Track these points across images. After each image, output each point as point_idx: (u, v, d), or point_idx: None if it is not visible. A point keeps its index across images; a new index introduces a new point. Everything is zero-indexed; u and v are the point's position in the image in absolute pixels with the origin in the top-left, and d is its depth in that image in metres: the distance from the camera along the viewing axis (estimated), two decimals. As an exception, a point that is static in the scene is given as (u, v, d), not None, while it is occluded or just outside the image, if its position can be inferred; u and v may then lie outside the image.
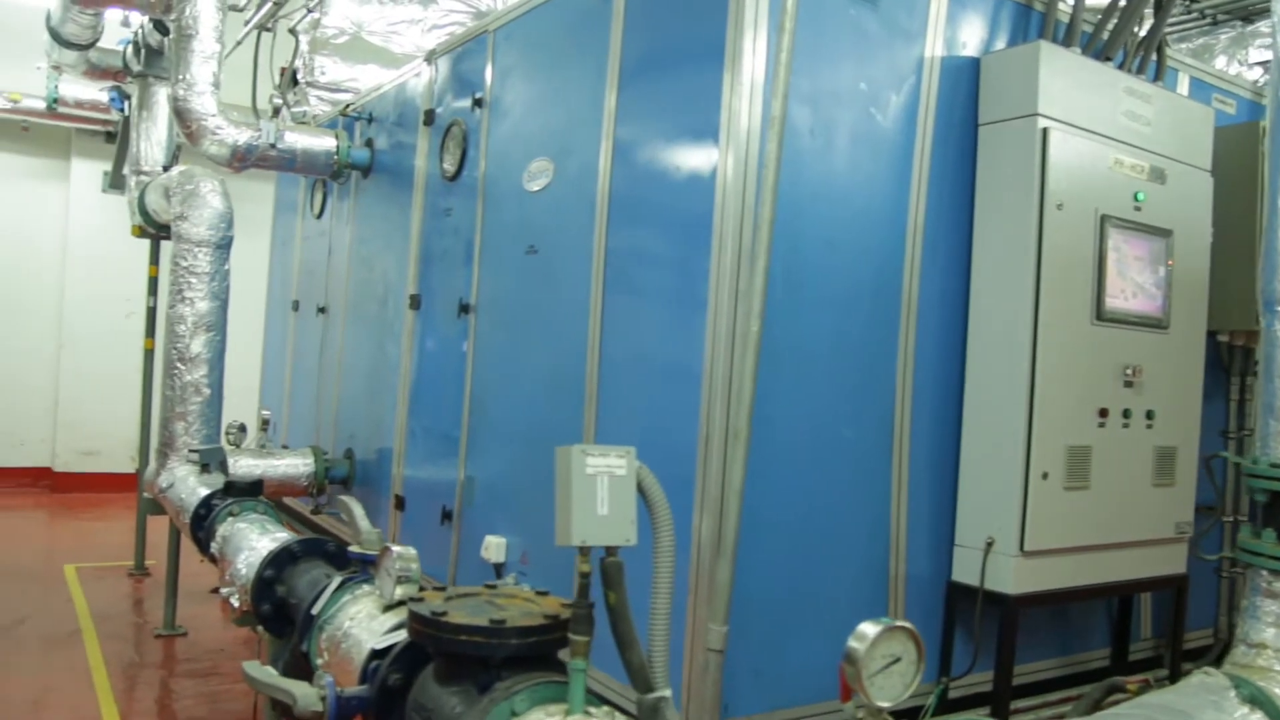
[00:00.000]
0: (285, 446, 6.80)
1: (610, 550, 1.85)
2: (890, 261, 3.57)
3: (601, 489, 1.81)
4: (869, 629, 1.68)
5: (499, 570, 4.24)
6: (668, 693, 1.88)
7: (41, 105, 10.61)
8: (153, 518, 6.95)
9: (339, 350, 6.32)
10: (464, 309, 4.69)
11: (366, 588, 2.70)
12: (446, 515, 4.76)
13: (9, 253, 11.46)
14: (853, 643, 1.68)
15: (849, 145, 3.49)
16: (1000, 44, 3.80)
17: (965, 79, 3.71)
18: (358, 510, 2.89)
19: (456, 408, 4.74)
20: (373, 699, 2.16)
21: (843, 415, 3.48)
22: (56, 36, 7.61)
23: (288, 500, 6.63)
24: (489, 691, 1.89)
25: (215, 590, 7.19)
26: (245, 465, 5.72)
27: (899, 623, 1.69)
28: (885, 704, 1.65)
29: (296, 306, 7.23)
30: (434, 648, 1.97)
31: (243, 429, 6.05)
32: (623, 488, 1.84)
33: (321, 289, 6.73)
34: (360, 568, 2.79)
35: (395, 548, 2.49)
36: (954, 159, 3.68)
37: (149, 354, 7.94)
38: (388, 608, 2.50)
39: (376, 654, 2.26)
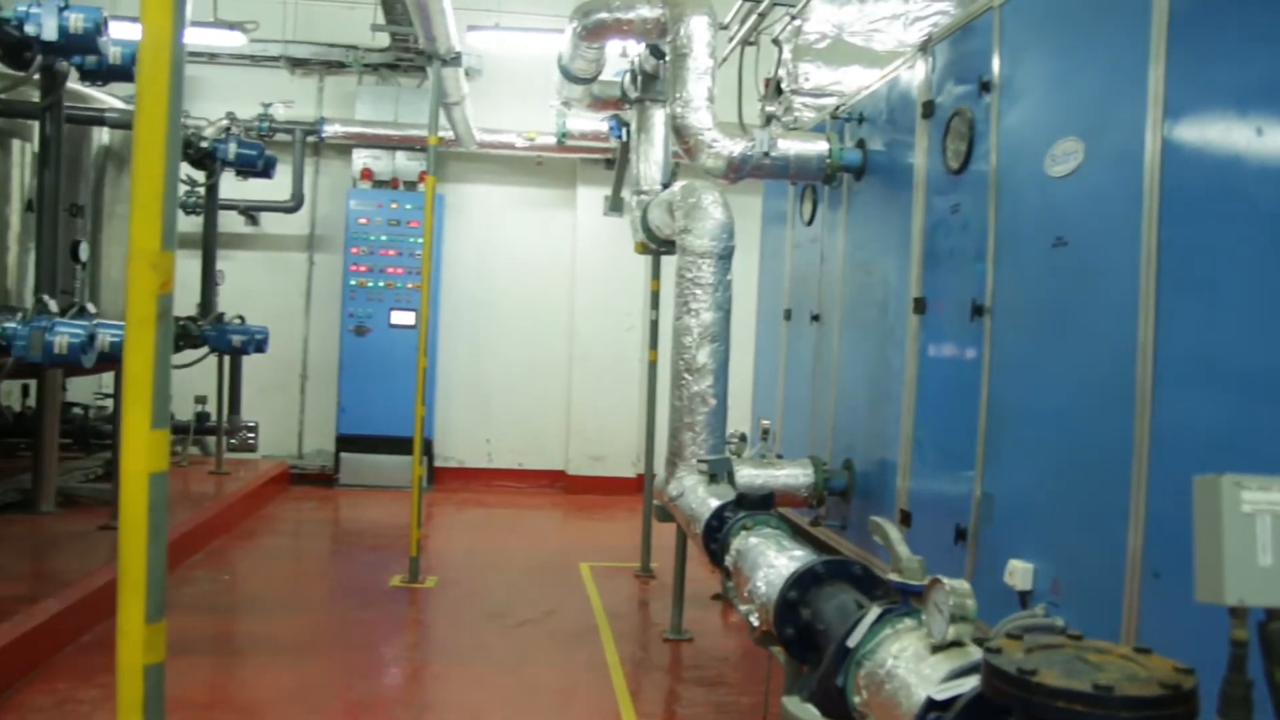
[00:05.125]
0: (779, 456, 6.79)
1: (1273, 613, 1.45)
2: None
3: (1262, 533, 1.42)
4: None
5: (1025, 599, 3.84)
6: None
7: (552, 140, 11.63)
8: (658, 521, 7.24)
9: (834, 358, 6.18)
10: (977, 311, 4.32)
11: (909, 622, 2.45)
12: (960, 534, 4.41)
13: (530, 277, 12.69)
14: None
15: None
16: None
17: None
18: (895, 534, 2.65)
19: (970, 417, 4.38)
20: (935, 755, 1.91)
21: None
22: (566, 74, 8.21)
23: (784, 510, 6.61)
24: (1092, 770, 1.56)
25: (716, 597, 7.44)
26: (746, 475, 5.72)
27: None
28: None
29: (788, 315, 7.21)
30: (1021, 712, 1.67)
31: (743, 439, 6.09)
32: (1289, 532, 1.43)
33: (814, 296, 6.64)
34: (900, 598, 2.55)
35: (947, 581, 2.22)
36: None
37: (652, 365, 8.32)
38: (937, 648, 2.23)
39: (934, 705, 2.01)
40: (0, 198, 7.43)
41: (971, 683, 1.93)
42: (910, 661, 2.27)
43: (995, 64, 4.36)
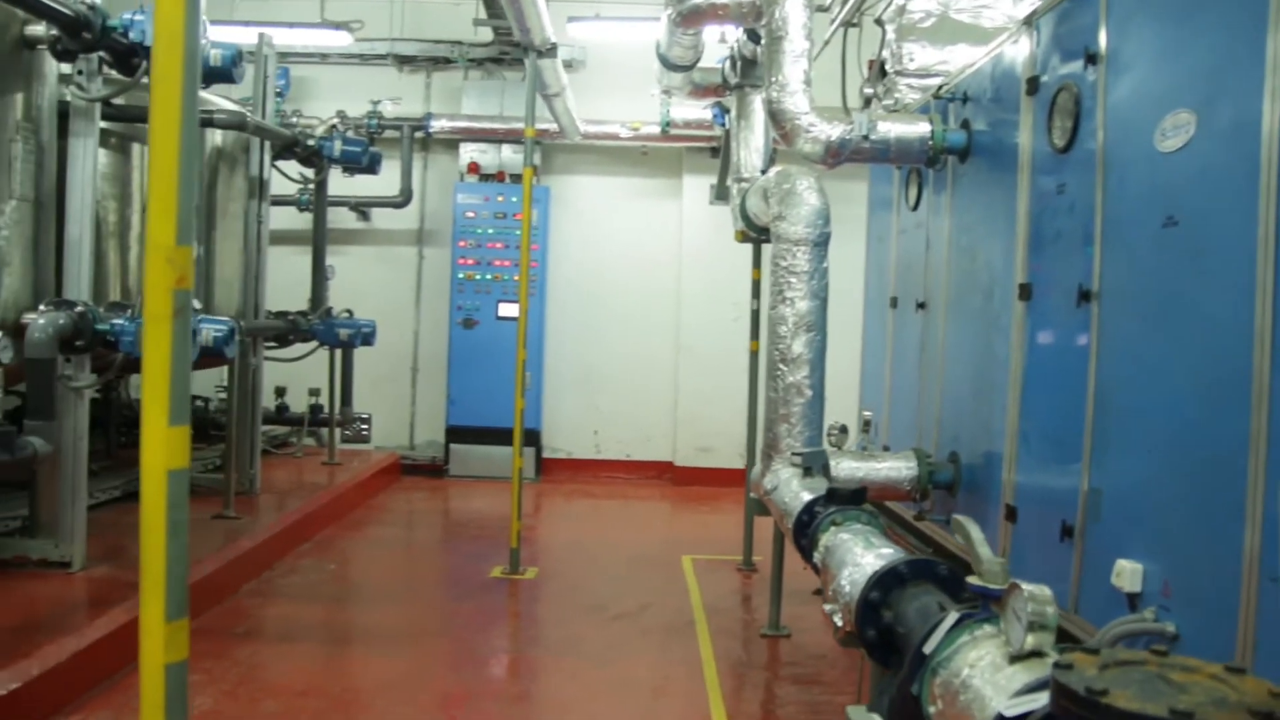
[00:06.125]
0: (886, 448, 6.59)
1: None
2: None
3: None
4: None
5: (1133, 602, 3.62)
6: None
7: (656, 130, 11.56)
8: (759, 515, 7.12)
9: (940, 347, 5.96)
10: (1084, 296, 4.09)
11: (988, 628, 2.29)
12: (1066, 531, 4.19)
13: (635, 268, 12.64)
14: None
15: None
16: None
17: None
18: (976, 533, 2.50)
19: (1077, 408, 4.15)
20: (1005, 775, 1.77)
21: None
22: (665, 62, 8.13)
23: (889, 503, 6.42)
24: (1169, 802, 1.41)
25: (817, 592, 7.27)
26: (846, 467, 5.55)
27: None
28: None
29: (894, 303, 7.00)
30: (1090, 734, 1.52)
31: (844, 430, 5.92)
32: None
33: (919, 284, 6.42)
34: (980, 602, 2.40)
35: (1025, 586, 2.06)
36: None
37: (754, 356, 8.19)
38: (1015, 658, 2.08)
39: (1007, 720, 1.87)
40: (122, 200, 7.68)
41: (1045, 698, 1.78)
42: (987, 671, 2.12)
43: (1102, 35, 4.11)
